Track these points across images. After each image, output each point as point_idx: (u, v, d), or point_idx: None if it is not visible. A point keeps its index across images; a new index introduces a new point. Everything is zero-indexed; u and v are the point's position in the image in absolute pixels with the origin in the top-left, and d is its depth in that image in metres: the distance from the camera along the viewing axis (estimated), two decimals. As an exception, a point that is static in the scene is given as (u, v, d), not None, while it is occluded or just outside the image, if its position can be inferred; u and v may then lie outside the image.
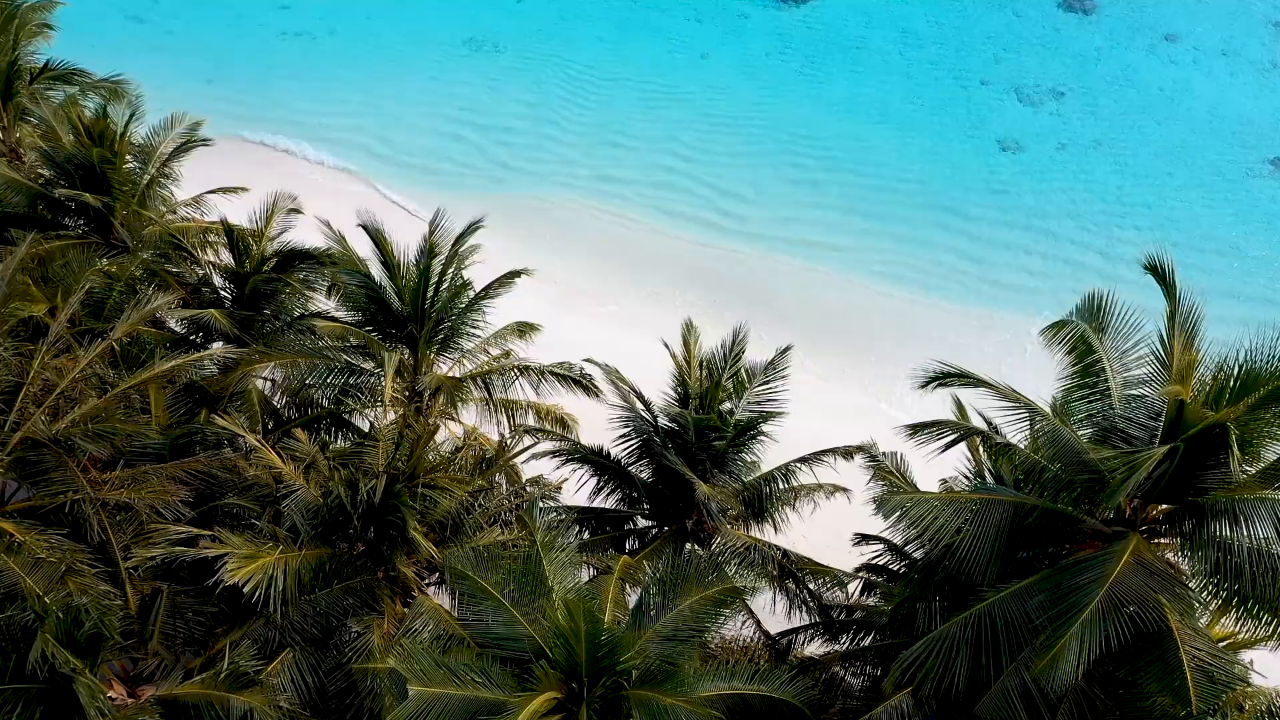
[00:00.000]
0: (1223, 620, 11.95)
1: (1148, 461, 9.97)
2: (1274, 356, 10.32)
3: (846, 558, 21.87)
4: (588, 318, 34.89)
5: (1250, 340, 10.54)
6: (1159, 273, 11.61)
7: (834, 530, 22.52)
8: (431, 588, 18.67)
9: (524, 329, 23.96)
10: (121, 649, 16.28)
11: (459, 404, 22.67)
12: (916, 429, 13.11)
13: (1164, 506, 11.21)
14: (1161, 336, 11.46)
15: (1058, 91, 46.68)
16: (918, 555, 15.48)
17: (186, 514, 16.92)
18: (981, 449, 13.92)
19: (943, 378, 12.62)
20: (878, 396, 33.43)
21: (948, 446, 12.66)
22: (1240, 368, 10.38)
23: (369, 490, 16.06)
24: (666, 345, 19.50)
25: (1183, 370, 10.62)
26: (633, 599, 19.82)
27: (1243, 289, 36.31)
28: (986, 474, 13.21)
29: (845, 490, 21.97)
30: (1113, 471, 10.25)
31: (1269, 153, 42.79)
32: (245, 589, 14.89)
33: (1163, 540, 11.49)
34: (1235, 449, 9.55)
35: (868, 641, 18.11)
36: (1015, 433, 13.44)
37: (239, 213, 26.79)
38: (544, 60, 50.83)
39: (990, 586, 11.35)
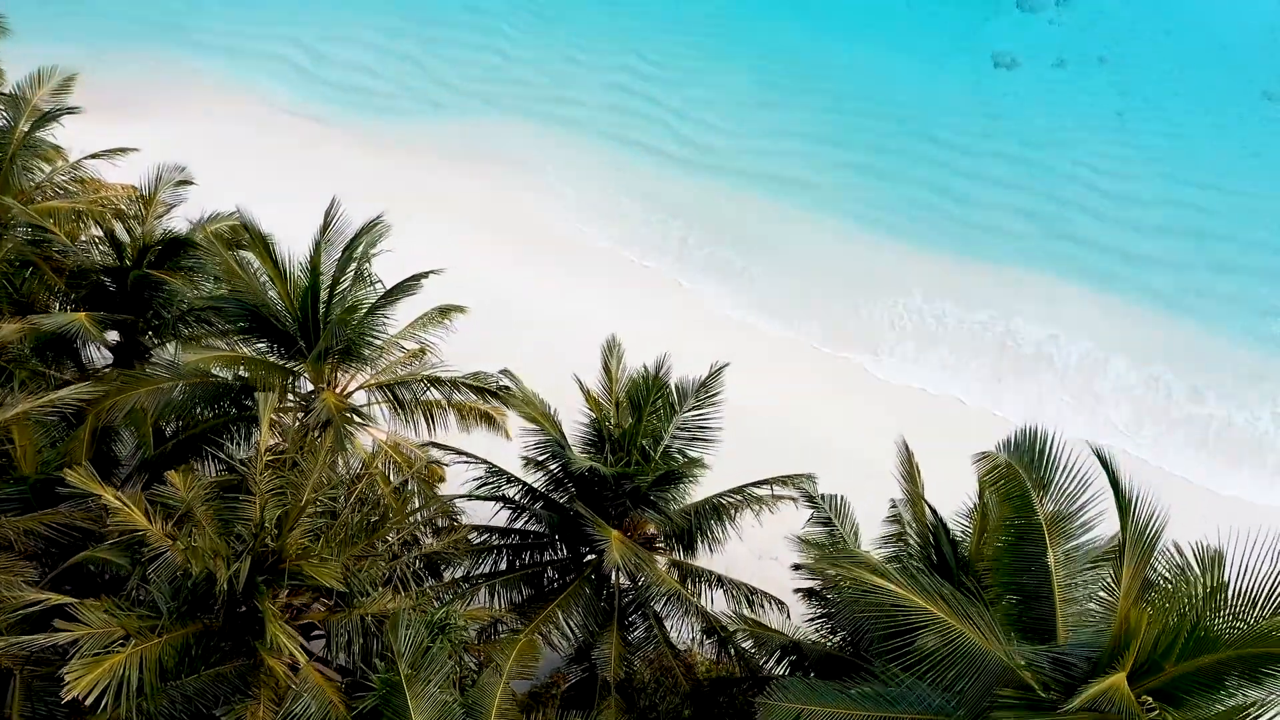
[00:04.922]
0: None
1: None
2: (1238, 609, 8.32)
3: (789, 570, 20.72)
4: (543, 268, 32.40)
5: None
6: (1114, 485, 9.48)
7: (778, 535, 21.30)
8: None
9: (447, 311, 21.85)
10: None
11: (370, 409, 20.71)
12: (837, 561, 11.29)
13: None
14: (1109, 576, 9.41)
15: (1061, -9, 41.95)
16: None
17: (34, 590, 15.23)
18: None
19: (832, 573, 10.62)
20: (842, 348, 31.46)
21: (863, 594, 10.87)
22: (1194, 623, 8.39)
23: (232, 576, 14.33)
24: (580, 381, 17.37)
25: (1124, 629, 8.55)
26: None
27: (1242, 233, 33.47)
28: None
29: (792, 499, 20.54)
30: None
31: (1292, 71, 38.53)
32: (87, 702, 13.35)
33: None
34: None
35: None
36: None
37: (127, 172, 24.30)
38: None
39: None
